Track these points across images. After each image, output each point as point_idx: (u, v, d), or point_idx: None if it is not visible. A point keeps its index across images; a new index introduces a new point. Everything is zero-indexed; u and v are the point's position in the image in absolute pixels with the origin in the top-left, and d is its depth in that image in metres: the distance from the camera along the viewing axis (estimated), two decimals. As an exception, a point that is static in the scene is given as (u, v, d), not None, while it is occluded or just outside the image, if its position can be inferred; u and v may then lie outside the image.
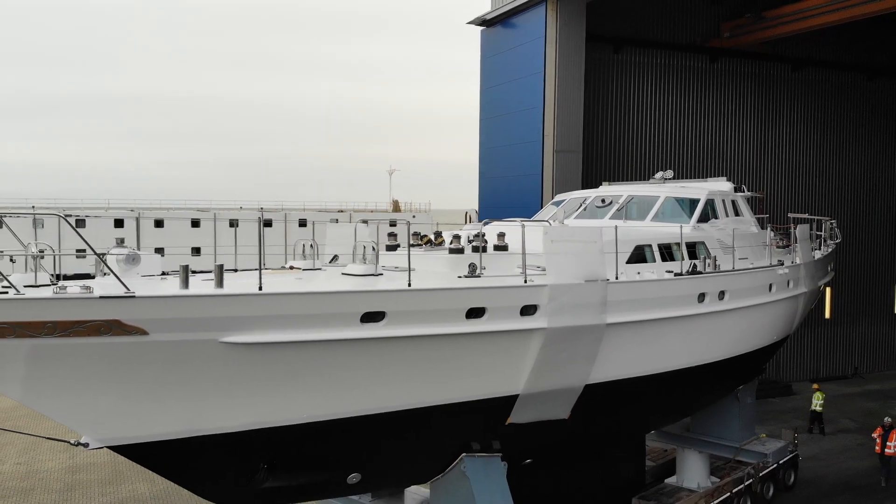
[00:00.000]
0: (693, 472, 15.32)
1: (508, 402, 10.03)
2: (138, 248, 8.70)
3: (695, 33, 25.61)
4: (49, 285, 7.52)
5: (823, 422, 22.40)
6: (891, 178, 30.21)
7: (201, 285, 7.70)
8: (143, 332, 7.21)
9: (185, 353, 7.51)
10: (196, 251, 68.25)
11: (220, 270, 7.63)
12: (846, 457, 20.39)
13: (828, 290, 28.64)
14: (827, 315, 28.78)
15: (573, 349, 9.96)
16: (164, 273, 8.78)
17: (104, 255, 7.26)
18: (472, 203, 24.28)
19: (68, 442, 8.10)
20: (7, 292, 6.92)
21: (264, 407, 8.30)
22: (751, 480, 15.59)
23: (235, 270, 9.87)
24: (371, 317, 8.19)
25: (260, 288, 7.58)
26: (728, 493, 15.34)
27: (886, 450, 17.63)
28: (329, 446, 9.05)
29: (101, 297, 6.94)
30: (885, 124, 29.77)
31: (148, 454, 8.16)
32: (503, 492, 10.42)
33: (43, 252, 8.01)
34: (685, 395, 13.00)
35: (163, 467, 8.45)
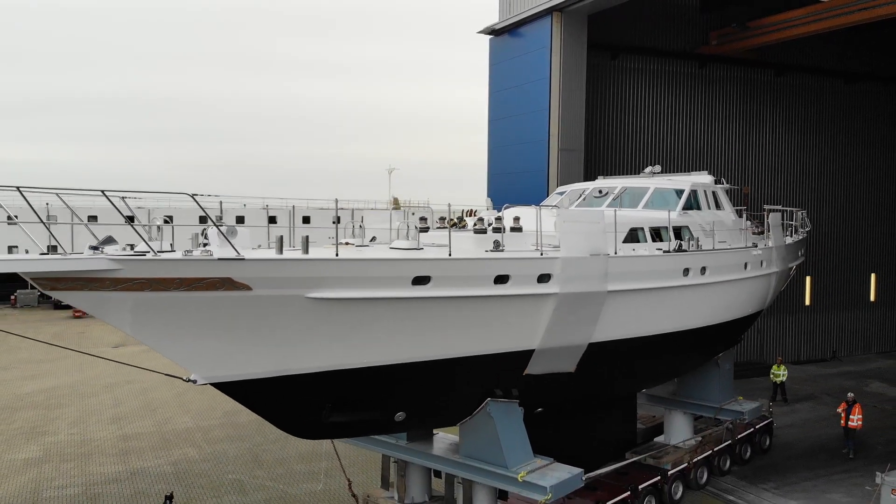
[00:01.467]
0: (679, 431, 17.49)
1: (526, 355, 12.11)
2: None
3: (685, 41, 27.72)
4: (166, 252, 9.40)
5: (786, 391, 24.78)
6: (867, 176, 32.42)
7: (293, 252, 9.70)
8: (248, 288, 9.21)
9: (278, 306, 9.51)
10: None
11: (307, 241, 9.64)
12: (820, 426, 22.56)
13: (808, 279, 30.95)
14: (807, 302, 31.04)
15: (580, 312, 12.05)
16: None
17: (221, 226, 9.18)
18: (470, 201, 26.37)
19: (181, 378, 10.07)
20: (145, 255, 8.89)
21: (335, 352, 10.32)
22: (730, 440, 17.77)
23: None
24: (420, 280, 10.23)
25: (336, 254, 9.61)
26: (710, 451, 17.50)
27: (850, 423, 19.75)
28: (383, 388, 11.08)
29: (218, 259, 8.92)
30: (861, 125, 31.98)
31: (243, 391, 10.18)
32: (521, 432, 12.50)
33: (160, 226, 9.91)
34: (672, 357, 15.14)
35: (253, 402, 10.47)
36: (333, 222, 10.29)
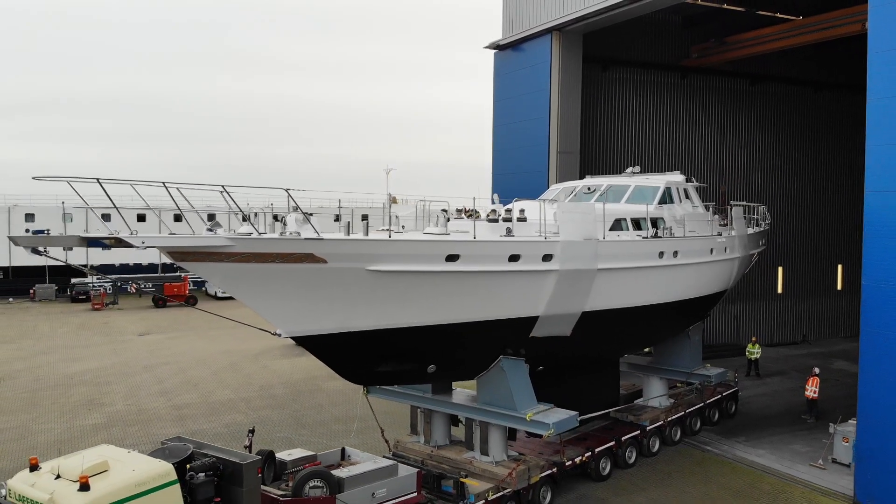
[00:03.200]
0: (655, 394, 20.54)
1: (532, 321, 15.07)
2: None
3: (668, 54, 30.72)
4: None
5: (759, 367, 27.90)
6: (833, 176, 35.49)
7: (358, 235, 12.58)
8: (324, 262, 12.10)
9: (345, 276, 12.40)
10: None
11: (367, 226, 12.56)
12: (787, 396, 25.66)
13: (780, 269, 34.11)
14: (779, 290, 34.21)
15: (575, 285, 15.03)
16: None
17: (311, 215, 12.01)
18: (464, 200, 29.36)
19: (269, 332, 12.95)
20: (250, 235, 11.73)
21: (384, 314, 13.22)
22: (700, 403, 20.85)
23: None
24: (451, 257, 13.16)
25: (389, 237, 12.54)
26: (683, 412, 20.54)
27: (806, 393, 22.71)
28: (419, 344, 14.01)
29: (305, 239, 11.80)
30: (828, 130, 35.06)
31: (314, 343, 13.09)
32: (528, 383, 15.48)
33: (255, 214, 12.70)
34: (650, 326, 18.19)
35: (321, 353, 13.38)
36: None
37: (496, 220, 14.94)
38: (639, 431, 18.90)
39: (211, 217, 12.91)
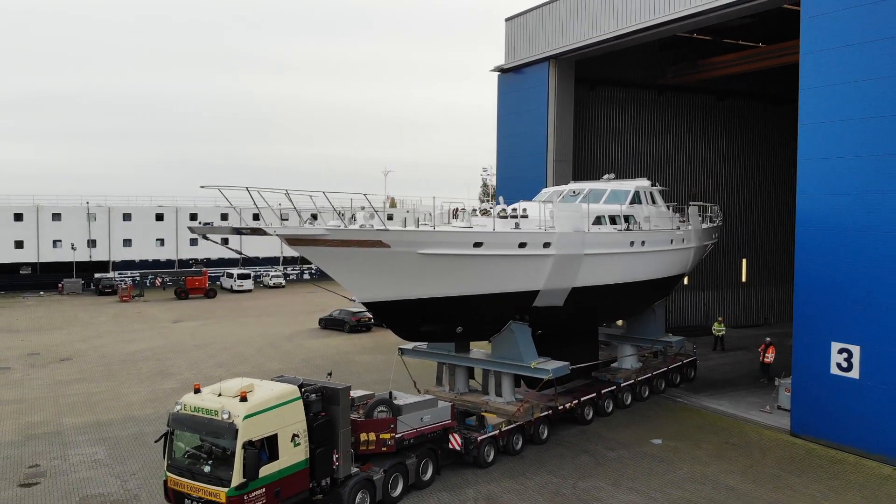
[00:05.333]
0: (628, 359, 25.47)
1: (535, 294, 19.87)
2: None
3: (646, 75, 35.65)
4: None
5: (724, 343, 32.89)
6: (790, 181, 40.39)
7: (411, 227, 17.28)
8: (388, 247, 16.81)
9: (402, 257, 17.12)
10: (225, 241, 77.07)
11: (418, 221, 17.30)
12: (745, 365, 30.61)
13: (744, 261, 39.17)
14: (744, 279, 39.29)
15: (567, 266, 19.86)
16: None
17: (379, 210, 16.69)
18: (462, 200, 34.22)
19: (348, 298, 17.66)
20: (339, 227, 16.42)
21: (428, 287, 17.95)
22: (664, 368, 25.78)
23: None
24: (477, 244, 17.93)
25: (433, 228, 17.32)
26: (650, 374, 25.42)
27: (765, 359, 27.78)
28: (452, 309, 18.76)
29: (376, 230, 16.51)
30: (785, 140, 40.00)
31: (378, 308, 17.82)
32: (531, 342, 20.28)
33: (341, 213, 17.40)
34: (624, 300, 23.12)
35: (382, 314, 18.11)
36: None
37: (506, 217, 19.77)
38: (615, 387, 23.78)
39: (314, 216, 17.67)
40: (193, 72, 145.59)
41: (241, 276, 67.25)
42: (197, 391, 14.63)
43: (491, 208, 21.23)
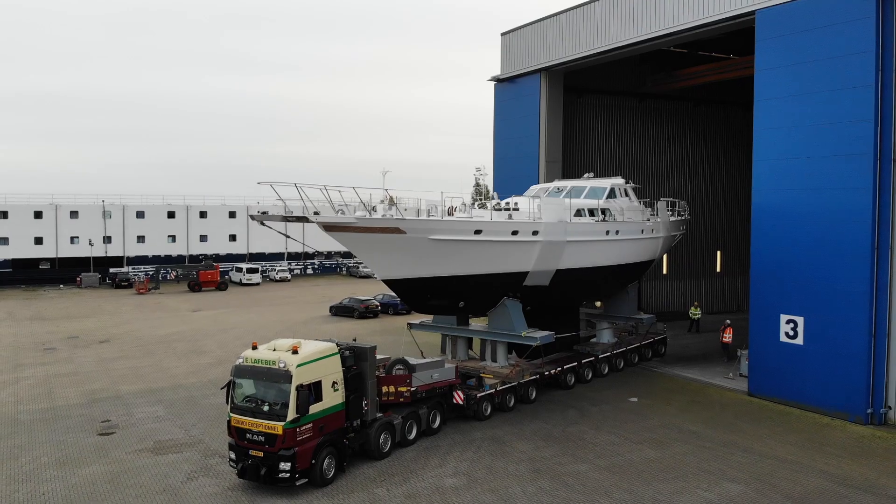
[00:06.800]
0: (604, 334, 29.25)
1: (525, 275, 23.57)
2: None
3: (629, 83, 39.36)
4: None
5: (699, 326, 36.67)
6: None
7: (424, 216, 20.91)
8: (404, 233, 20.46)
9: (416, 242, 20.75)
10: (233, 237, 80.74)
11: (429, 212, 20.96)
12: (712, 344, 34.32)
13: (718, 252, 43.01)
14: (718, 270, 43.10)
15: (553, 251, 23.58)
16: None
17: (400, 201, 20.32)
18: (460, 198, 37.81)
19: (373, 276, 21.24)
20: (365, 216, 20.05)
21: (436, 267, 21.61)
22: (637, 343, 29.53)
23: None
24: (477, 231, 21.61)
25: (442, 217, 20.99)
26: (624, 348, 29.16)
27: (723, 339, 31.52)
28: (456, 286, 22.44)
29: (395, 218, 20.14)
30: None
31: (395, 284, 21.48)
32: (522, 316, 23.97)
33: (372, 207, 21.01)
34: (600, 281, 26.92)
35: (398, 289, 21.77)
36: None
37: (500, 210, 23.48)
38: (593, 358, 27.49)
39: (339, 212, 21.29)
40: (193, 72, 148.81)
41: (250, 271, 70.76)
42: (255, 348, 18.22)
43: (487, 203, 24.94)
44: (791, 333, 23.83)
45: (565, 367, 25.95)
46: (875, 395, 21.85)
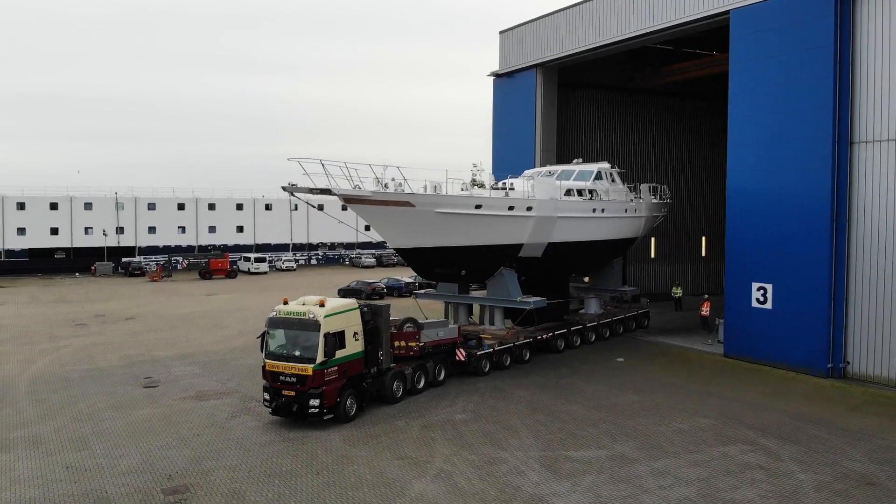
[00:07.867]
0: (592, 306, 32.03)
1: (520, 246, 26.29)
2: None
3: (619, 79, 42.05)
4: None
5: (682, 303, 39.46)
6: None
7: (431, 192, 23.63)
8: (414, 206, 23.16)
9: (424, 215, 23.45)
10: (240, 228, 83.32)
11: (436, 189, 23.69)
12: (693, 319, 36.84)
13: (703, 238, 45.80)
14: (703, 254, 45.89)
15: (545, 226, 26.33)
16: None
17: (402, 185, 23.04)
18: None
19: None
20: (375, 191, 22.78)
21: (441, 238, 24.28)
22: (622, 316, 32.25)
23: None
24: (478, 206, 24.34)
25: (446, 193, 23.74)
26: (610, 319, 31.87)
27: (701, 312, 34.25)
28: (458, 257, 25.16)
29: (406, 193, 22.83)
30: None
31: (405, 252, 24.21)
32: (517, 284, 26.68)
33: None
34: (588, 255, 29.69)
35: (408, 257, 24.51)
36: (342, 210, 23.48)
37: (498, 188, 26.26)
38: (581, 326, 30.20)
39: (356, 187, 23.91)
40: (193, 72, 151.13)
41: (258, 260, 73.48)
42: (285, 303, 20.88)
43: (486, 183, 27.65)
44: (761, 299, 26.50)
45: (556, 332, 28.66)
46: (835, 352, 24.47)
